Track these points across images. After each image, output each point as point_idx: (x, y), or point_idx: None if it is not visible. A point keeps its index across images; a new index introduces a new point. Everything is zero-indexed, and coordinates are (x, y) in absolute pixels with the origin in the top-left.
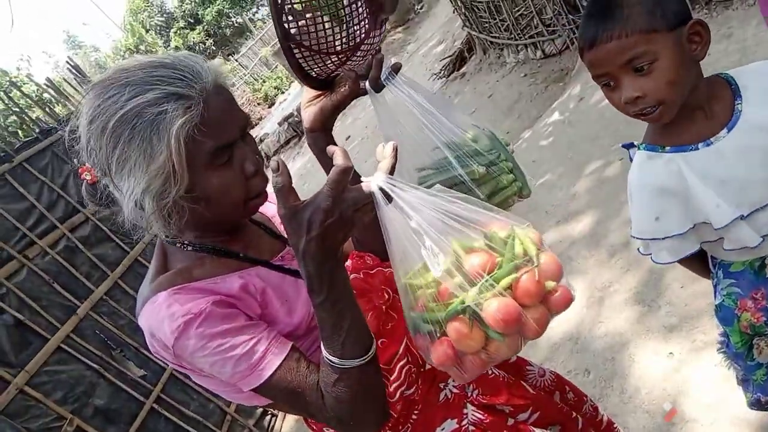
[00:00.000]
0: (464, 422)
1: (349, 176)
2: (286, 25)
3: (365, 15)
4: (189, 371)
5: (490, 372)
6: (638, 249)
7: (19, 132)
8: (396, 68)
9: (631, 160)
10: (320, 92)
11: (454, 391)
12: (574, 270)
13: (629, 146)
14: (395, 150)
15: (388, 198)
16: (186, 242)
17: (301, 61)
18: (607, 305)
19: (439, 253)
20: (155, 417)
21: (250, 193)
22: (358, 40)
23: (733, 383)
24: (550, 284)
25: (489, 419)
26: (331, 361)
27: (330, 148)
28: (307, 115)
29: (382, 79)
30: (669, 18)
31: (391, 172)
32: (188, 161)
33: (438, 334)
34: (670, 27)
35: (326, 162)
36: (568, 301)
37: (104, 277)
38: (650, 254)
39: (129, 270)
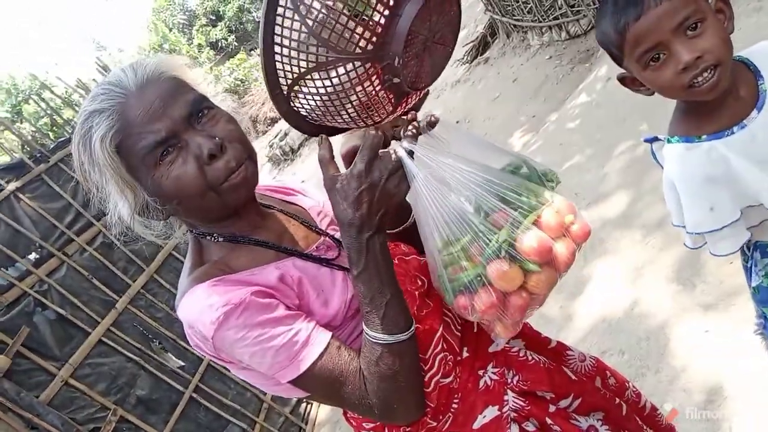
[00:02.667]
0: (506, 409)
1: (379, 143)
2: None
3: (386, 101)
4: (228, 363)
5: (530, 357)
6: (685, 244)
7: (50, 134)
8: (431, 123)
9: (653, 153)
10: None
11: (494, 377)
12: (606, 251)
13: (652, 140)
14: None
15: (413, 157)
16: (216, 234)
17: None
18: (641, 285)
19: (468, 193)
20: (194, 406)
21: (214, 180)
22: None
23: None
24: (569, 217)
25: (530, 406)
26: (372, 337)
27: (343, 155)
28: (346, 143)
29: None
30: None
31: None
32: (129, 169)
33: (479, 284)
34: None
35: None
36: (587, 230)
37: (140, 272)
38: (698, 247)
39: (164, 264)
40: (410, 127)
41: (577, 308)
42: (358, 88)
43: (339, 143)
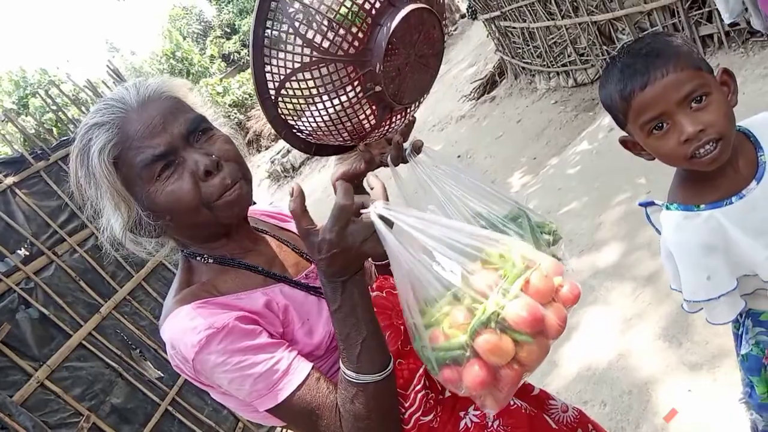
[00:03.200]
0: None
1: (350, 213)
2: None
3: (370, 112)
4: (207, 387)
5: (512, 402)
6: (682, 306)
7: (54, 130)
8: (416, 147)
9: (648, 217)
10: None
11: (474, 420)
12: (597, 300)
13: (648, 204)
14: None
15: (389, 224)
16: (207, 255)
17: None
18: (627, 338)
19: (453, 262)
20: (169, 419)
21: (209, 196)
22: (359, 135)
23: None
24: (558, 279)
25: None
26: (347, 375)
27: (334, 183)
28: (335, 171)
29: (405, 154)
30: (705, 64)
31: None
32: (125, 182)
33: (466, 357)
34: (708, 71)
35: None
36: (576, 293)
37: (128, 278)
38: (696, 312)
39: (153, 272)
40: (372, 180)
41: (563, 355)
42: (341, 92)
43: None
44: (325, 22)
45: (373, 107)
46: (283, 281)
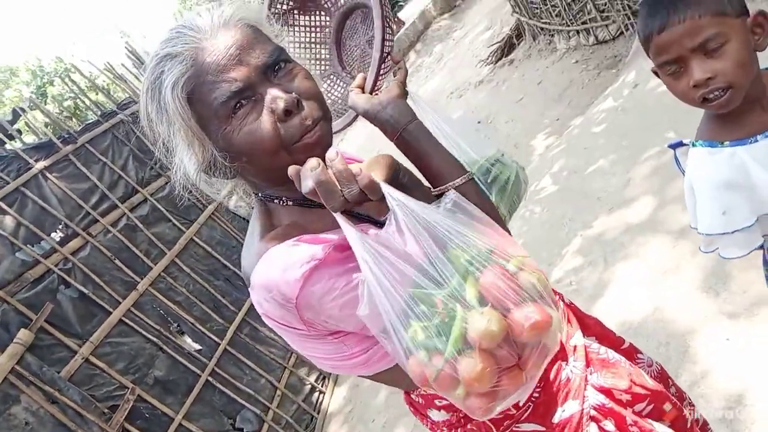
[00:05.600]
0: (585, 404)
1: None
2: None
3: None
4: (308, 327)
5: (611, 356)
6: (700, 248)
7: (73, 118)
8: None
9: (677, 159)
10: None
11: (576, 371)
12: (628, 255)
13: (677, 145)
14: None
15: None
16: (285, 197)
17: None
18: (663, 291)
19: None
20: (210, 389)
21: (289, 137)
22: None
23: None
24: (493, 328)
25: (610, 404)
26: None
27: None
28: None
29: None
30: (735, 5)
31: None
32: (199, 120)
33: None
34: (736, 14)
35: None
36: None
37: (162, 255)
38: (712, 251)
39: (185, 249)
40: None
41: (597, 311)
42: None
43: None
44: None
45: None
46: (368, 221)
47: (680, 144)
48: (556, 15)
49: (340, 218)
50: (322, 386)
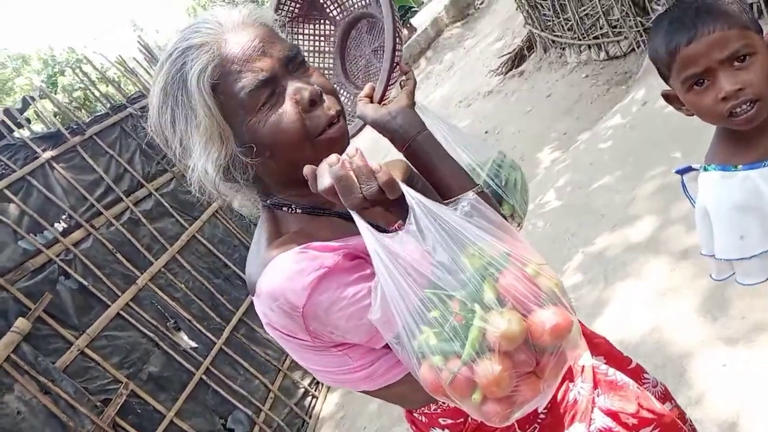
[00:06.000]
0: (592, 427)
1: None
2: None
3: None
4: (312, 340)
5: (618, 378)
6: (711, 275)
7: (82, 109)
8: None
9: (684, 186)
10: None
11: (583, 393)
12: (629, 274)
13: (685, 170)
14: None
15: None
16: (294, 205)
17: None
18: (661, 312)
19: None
20: (203, 388)
21: (314, 128)
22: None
23: None
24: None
25: (617, 428)
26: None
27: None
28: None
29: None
30: (755, 22)
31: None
32: (225, 110)
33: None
34: (757, 30)
35: None
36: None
37: (163, 251)
38: (724, 279)
39: (187, 245)
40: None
41: (594, 329)
42: None
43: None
44: None
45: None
46: (377, 229)
47: (689, 169)
48: (568, 29)
49: (356, 217)
50: (315, 391)
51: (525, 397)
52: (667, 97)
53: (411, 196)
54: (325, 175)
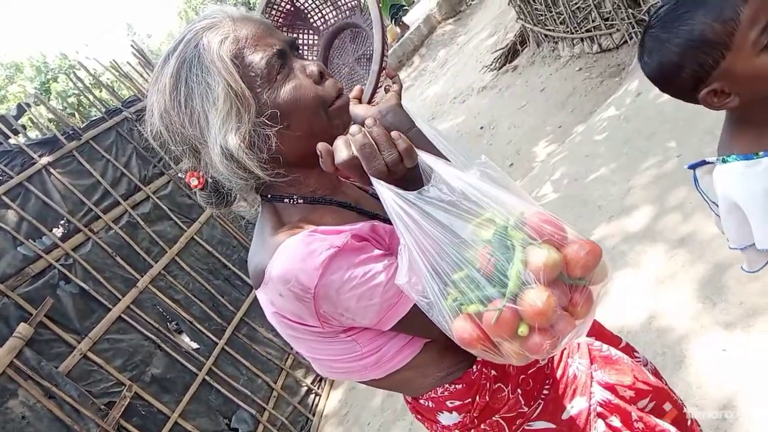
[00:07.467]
0: (592, 401)
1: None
2: None
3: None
4: (322, 323)
5: (613, 353)
6: (742, 267)
7: (76, 114)
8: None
9: (696, 181)
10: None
11: (581, 368)
12: (627, 263)
13: (699, 165)
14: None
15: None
16: (295, 196)
17: None
18: (660, 300)
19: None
20: (206, 389)
21: (327, 97)
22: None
23: None
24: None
25: (616, 401)
26: None
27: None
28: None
29: None
30: None
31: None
32: (246, 80)
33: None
34: None
35: None
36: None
37: (162, 253)
38: (757, 270)
39: (185, 247)
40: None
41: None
42: None
43: None
44: None
45: None
46: (375, 218)
47: (703, 163)
48: (560, 22)
49: (377, 183)
50: (318, 388)
51: (564, 330)
52: (708, 96)
53: (427, 160)
54: (341, 148)
